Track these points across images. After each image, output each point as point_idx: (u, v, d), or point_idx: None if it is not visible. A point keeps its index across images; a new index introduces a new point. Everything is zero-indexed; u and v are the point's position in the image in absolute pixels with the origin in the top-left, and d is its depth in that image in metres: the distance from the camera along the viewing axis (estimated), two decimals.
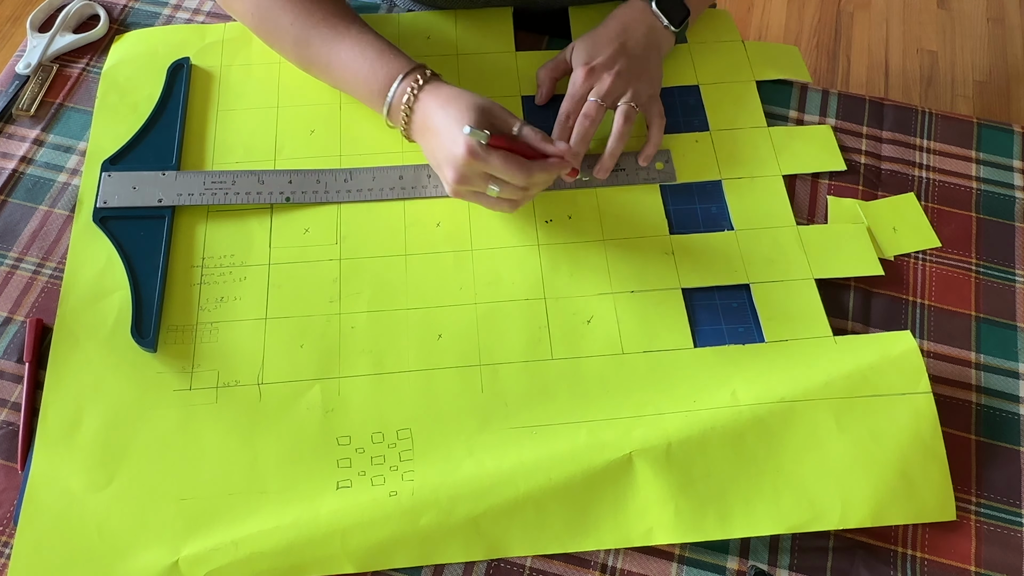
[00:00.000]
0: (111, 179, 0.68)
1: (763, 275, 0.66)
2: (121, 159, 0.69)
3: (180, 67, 0.74)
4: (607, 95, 0.68)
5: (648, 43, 0.72)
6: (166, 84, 0.73)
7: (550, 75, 0.74)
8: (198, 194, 0.68)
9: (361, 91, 0.68)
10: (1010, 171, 0.74)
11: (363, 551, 0.55)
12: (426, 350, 0.63)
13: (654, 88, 0.72)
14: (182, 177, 0.68)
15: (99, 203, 0.67)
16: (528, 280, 0.66)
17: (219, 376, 0.61)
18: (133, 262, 0.65)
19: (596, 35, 0.72)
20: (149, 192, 0.67)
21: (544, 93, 0.74)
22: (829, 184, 0.72)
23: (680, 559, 0.56)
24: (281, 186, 0.68)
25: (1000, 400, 0.63)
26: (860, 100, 0.77)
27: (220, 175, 0.69)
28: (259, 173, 0.69)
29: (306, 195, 0.68)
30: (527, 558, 0.56)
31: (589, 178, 0.70)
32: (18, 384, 0.61)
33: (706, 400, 0.60)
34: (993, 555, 0.57)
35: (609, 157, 0.68)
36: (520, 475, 0.57)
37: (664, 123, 0.71)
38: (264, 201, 0.68)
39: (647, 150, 0.71)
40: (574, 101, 0.69)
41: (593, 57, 0.70)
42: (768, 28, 1.82)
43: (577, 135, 0.67)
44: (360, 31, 0.68)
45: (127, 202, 0.67)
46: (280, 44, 0.71)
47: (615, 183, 0.70)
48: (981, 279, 0.68)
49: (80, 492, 0.57)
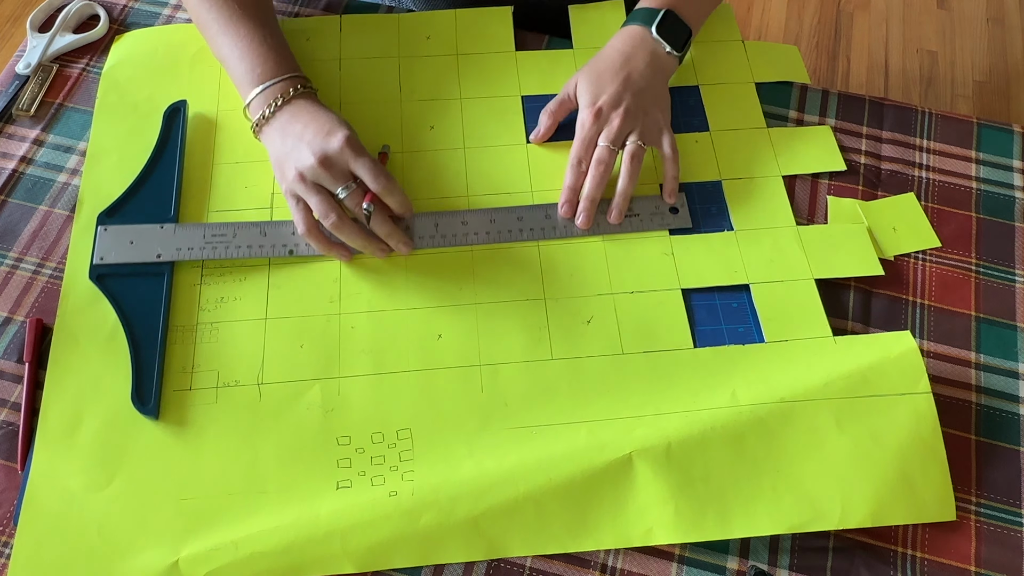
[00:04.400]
0: (107, 233, 0.65)
1: (763, 275, 0.66)
2: (118, 211, 0.67)
3: (177, 111, 0.72)
4: (617, 139, 0.68)
5: (652, 71, 0.71)
6: (163, 128, 0.71)
7: (553, 118, 0.72)
8: (198, 248, 0.65)
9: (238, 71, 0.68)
10: (1010, 171, 0.74)
11: (363, 551, 0.55)
12: (426, 350, 0.62)
13: (663, 120, 0.70)
14: (181, 230, 0.66)
15: (95, 259, 0.64)
16: (528, 280, 0.66)
17: (219, 376, 0.61)
18: (132, 324, 0.62)
19: (599, 70, 0.70)
20: (147, 247, 0.65)
21: (542, 134, 0.72)
22: (829, 184, 0.72)
23: (680, 559, 0.56)
24: (284, 238, 0.66)
25: (1000, 400, 0.63)
26: (860, 100, 0.77)
27: (221, 227, 0.66)
28: (261, 225, 0.66)
29: (310, 247, 0.65)
30: (527, 558, 0.56)
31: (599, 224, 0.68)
32: (18, 384, 0.61)
33: (706, 400, 0.60)
34: (993, 555, 0.57)
35: (621, 199, 0.67)
36: (520, 475, 0.57)
37: (677, 157, 0.69)
38: (266, 255, 0.65)
39: (668, 185, 0.69)
40: (585, 145, 0.68)
41: (598, 96, 0.69)
42: (768, 28, 1.82)
43: (592, 181, 0.67)
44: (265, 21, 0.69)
45: (124, 258, 0.64)
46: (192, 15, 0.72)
47: (628, 230, 0.68)
48: (981, 279, 0.68)
49: (80, 492, 0.57)
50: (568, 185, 0.68)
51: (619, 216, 0.68)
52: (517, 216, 0.68)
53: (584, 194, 0.67)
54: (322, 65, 0.76)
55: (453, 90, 0.75)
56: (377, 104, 0.74)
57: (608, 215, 0.68)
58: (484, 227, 0.67)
